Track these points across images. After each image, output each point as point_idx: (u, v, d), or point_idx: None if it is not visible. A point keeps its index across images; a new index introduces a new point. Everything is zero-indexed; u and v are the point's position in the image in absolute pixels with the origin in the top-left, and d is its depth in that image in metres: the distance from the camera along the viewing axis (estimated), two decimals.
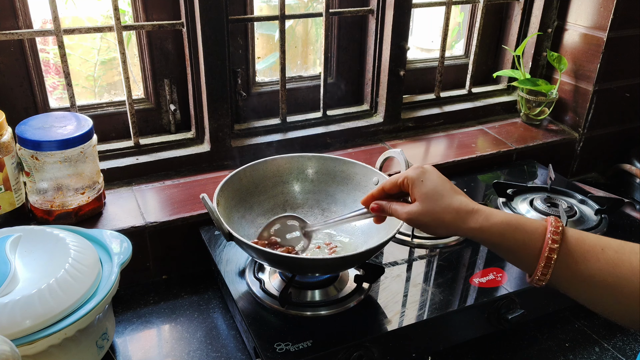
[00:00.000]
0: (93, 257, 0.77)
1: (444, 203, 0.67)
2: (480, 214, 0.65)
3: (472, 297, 0.86)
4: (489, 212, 0.65)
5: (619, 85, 1.34)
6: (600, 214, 1.09)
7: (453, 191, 0.68)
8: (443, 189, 0.68)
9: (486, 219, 0.65)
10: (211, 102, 1.09)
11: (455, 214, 0.66)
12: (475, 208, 0.66)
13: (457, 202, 0.67)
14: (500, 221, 0.64)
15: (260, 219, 0.94)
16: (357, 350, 0.77)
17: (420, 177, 0.69)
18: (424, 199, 0.68)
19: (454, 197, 0.67)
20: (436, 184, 0.68)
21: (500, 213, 0.65)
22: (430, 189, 0.68)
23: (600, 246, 0.60)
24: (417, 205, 0.68)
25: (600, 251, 0.60)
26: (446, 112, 1.38)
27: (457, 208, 0.66)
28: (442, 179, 0.69)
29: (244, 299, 0.85)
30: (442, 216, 0.67)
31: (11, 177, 0.89)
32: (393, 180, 0.72)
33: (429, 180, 0.69)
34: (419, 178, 0.69)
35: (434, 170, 0.70)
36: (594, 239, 0.61)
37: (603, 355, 0.89)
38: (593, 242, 0.61)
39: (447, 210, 0.67)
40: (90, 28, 1.00)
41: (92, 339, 0.76)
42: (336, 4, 1.24)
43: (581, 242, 0.61)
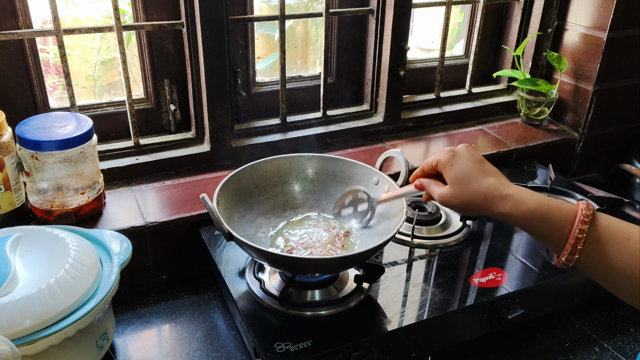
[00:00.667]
0: (93, 257, 0.77)
1: (472, 187, 0.68)
2: (509, 199, 0.65)
3: (472, 297, 0.86)
4: (518, 197, 0.65)
5: (619, 85, 1.34)
6: None
7: (483, 173, 0.68)
8: (472, 173, 0.68)
9: (515, 205, 0.65)
10: (211, 102, 1.09)
11: (483, 198, 0.67)
12: (504, 193, 0.66)
13: (485, 186, 0.67)
14: (529, 209, 0.64)
15: (260, 219, 0.94)
16: (357, 350, 0.77)
17: (450, 160, 0.70)
18: (454, 182, 0.69)
19: (483, 180, 0.68)
20: (465, 168, 0.69)
21: (530, 199, 0.65)
22: (459, 173, 0.69)
23: (627, 236, 0.60)
24: (448, 188, 0.70)
25: (625, 241, 0.60)
26: (446, 112, 1.38)
27: (485, 192, 0.67)
28: (472, 161, 0.70)
29: (244, 299, 0.85)
30: (470, 200, 0.68)
31: (11, 177, 0.89)
32: (429, 162, 0.74)
33: (458, 164, 0.70)
34: (449, 162, 0.70)
35: (465, 152, 0.71)
36: (621, 228, 0.61)
37: (603, 355, 0.89)
38: (620, 231, 0.61)
39: (476, 195, 0.67)
40: (90, 28, 1.00)
41: (92, 339, 0.76)
42: (336, 4, 1.24)
43: (608, 229, 0.61)
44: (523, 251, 0.98)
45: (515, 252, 0.98)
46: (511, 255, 0.97)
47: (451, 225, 1.05)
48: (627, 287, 0.60)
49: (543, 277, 0.91)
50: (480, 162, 0.70)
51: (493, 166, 0.71)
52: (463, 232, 1.02)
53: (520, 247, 0.99)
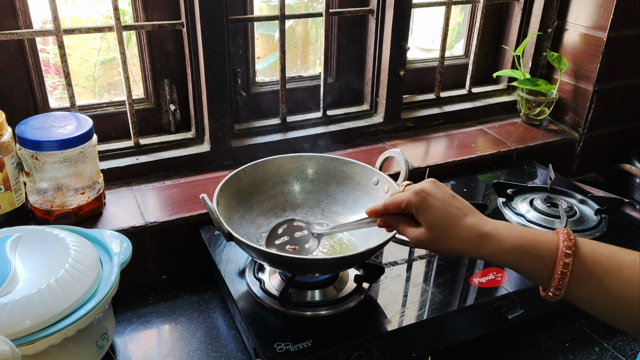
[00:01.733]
0: (93, 257, 0.77)
1: (451, 232, 0.65)
2: (490, 240, 0.64)
3: (472, 297, 0.86)
4: (498, 236, 0.63)
5: (619, 85, 1.34)
6: (600, 214, 1.09)
7: (460, 215, 0.66)
8: (449, 216, 0.66)
9: (498, 245, 0.63)
10: (211, 102, 1.09)
11: (465, 242, 0.65)
12: (484, 231, 0.64)
13: (465, 229, 0.65)
14: (512, 245, 0.62)
15: (260, 219, 0.94)
16: (357, 350, 0.77)
17: (423, 204, 0.67)
18: (432, 228, 0.66)
19: (461, 222, 0.65)
20: (442, 212, 0.66)
21: (510, 234, 0.63)
22: (437, 218, 0.66)
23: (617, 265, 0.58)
24: (425, 232, 0.67)
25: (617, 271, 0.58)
26: (446, 112, 1.38)
27: (466, 236, 0.65)
28: (445, 202, 0.66)
29: (244, 299, 0.85)
30: (451, 245, 0.66)
31: (11, 177, 0.89)
32: (396, 202, 0.69)
33: (432, 208, 0.66)
34: (422, 206, 0.67)
35: (436, 192, 0.67)
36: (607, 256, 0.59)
37: (603, 355, 0.89)
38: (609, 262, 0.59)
39: (456, 239, 0.65)
40: (90, 28, 1.00)
41: (92, 339, 0.76)
42: (336, 4, 1.24)
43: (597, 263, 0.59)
44: None
45: None
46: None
47: None
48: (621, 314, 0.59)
49: None
50: (453, 199, 0.67)
51: (465, 200, 0.68)
52: None
53: None
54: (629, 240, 1.03)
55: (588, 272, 0.59)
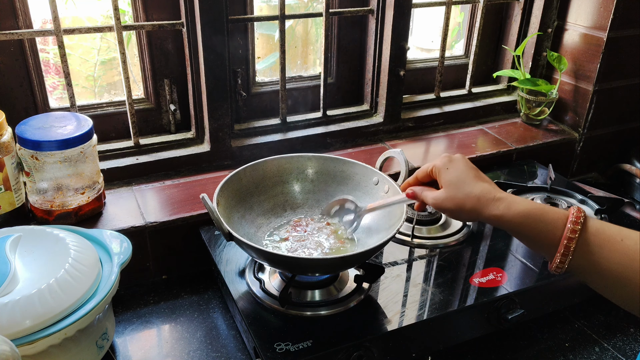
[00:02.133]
0: (93, 257, 0.77)
1: (466, 190, 0.69)
2: (502, 202, 0.66)
3: (472, 297, 0.86)
4: (511, 200, 0.66)
5: (619, 85, 1.34)
6: (600, 214, 1.08)
7: (477, 178, 0.70)
8: (466, 177, 0.70)
9: (507, 207, 0.66)
10: (211, 102, 1.09)
11: (476, 200, 0.68)
12: (497, 196, 0.67)
13: (479, 189, 0.68)
14: (522, 210, 0.65)
15: (260, 219, 0.94)
16: (357, 350, 0.77)
17: (446, 165, 0.72)
18: (448, 185, 0.71)
19: (477, 184, 0.69)
20: (460, 172, 0.71)
21: (523, 202, 0.66)
22: (454, 177, 0.71)
23: (620, 237, 0.60)
24: (442, 191, 0.71)
25: (618, 242, 0.60)
26: (446, 112, 1.38)
27: (478, 195, 0.68)
28: (467, 166, 0.71)
29: (244, 299, 0.85)
30: (464, 202, 0.69)
31: (11, 177, 0.89)
32: (424, 169, 0.75)
33: (453, 168, 0.71)
34: (444, 166, 0.72)
35: (460, 159, 0.73)
36: (614, 230, 0.61)
37: (603, 355, 0.89)
38: (613, 233, 0.61)
39: (469, 197, 0.68)
40: (90, 28, 1.00)
41: (92, 339, 0.76)
42: (336, 4, 1.24)
43: (601, 232, 0.61)
44: (523, 251, 0.98)
45: (515, 252, 0.98)
46: (511, 255, 0.97)
47: (451, 225, 1.05)
48: (621, 290, 0.60)
49: (543, 277, 0.91)
50: (475, 170, 0.72)
51: (486, 175, 0.72)
52: (463, 232, 1.02)
53: (520, 247, 0.99)
54: None
55: (592, 241, 0.60)
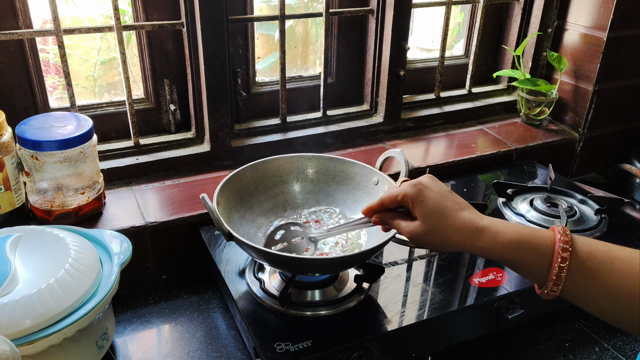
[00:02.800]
0: (93, 257, 0.77)
1: (447, 222, 0.65)
2: (487, 233, 0.63)
3: (472, 297, 0.86)
4: (495, 230, 0.63)
5: (619, 85, 1.34)
6: (600, 214, 1.09)
7: (456, 208, 0.65)
8: (445, 208, 0.65)
9: (494, 239, 0.62)
10: (211, 102, 1.09)
11: (460, 233, 0.64)
12: (480, 225, 0.64)
13: (461, 221, 0.64)
14: (509, 240, 0.62)
15: (260, 219, 0.94)
16: (357, 350, 0.77)
17: (419, 196, 0.66)
18: (426, 219, 0.66)
19: (457, 215, 0.65)
20: (437, 203, 0.65)
21: (507, 229, 0.63)
22: (431, 209, 0.65)
23: (611, 259, 0.58)
24: (420, 225, 0.66)
25: (610, 265, 0.58)
26: (446, 112, 1.38)
27: (461, 227, 0.64)
28: (441, 195, 0.66)
29: (244, 299, 0.85)
30: (446, 236, 0.65)
31: (11, 177, 0.89)
32: (392, 196, 0.69)
33: (428, 200, 0.66)
34: (418, 197, 0.66)
35: (432, 185, 0.67)
36: (604, 252, 0.59)
37: (603, 355, 0.89)
38: (603, 256, 0.59)
39: (452, 230, 0.64)
40: (90, 28, 1.00)
41: (92, 339, 0.76)
42: (336, 4, 1.24)
43: (592, 256, 0.59)
44: None
45: None
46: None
47: None
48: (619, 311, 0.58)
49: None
50: (450, 194, 0.67)
51: (459, 196, 0.68)
52: None
53: None
54: (629, 240, 1.03)
55: (584, 267, 0.59)
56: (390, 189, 0.71)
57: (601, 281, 0.58)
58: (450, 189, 0.69)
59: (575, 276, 0.59)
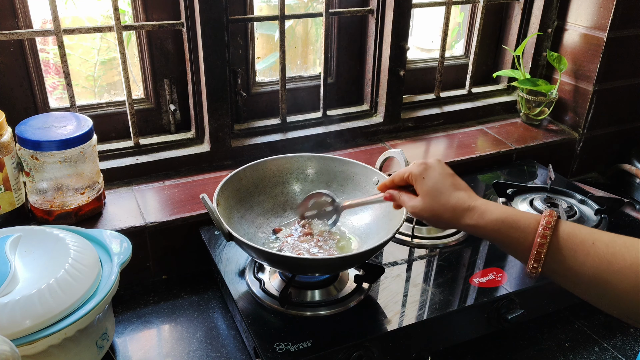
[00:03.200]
0: (93, 257, 0.77)
1: (442, 200, 0.69)
2: (475, 211, 0.67)
3: (472, 297, 0.86)
4: (484, 209, 0.67)
5: (619, 85, 1.34)
6: (600, 214, 1.09)
7: (452, 188, 0.70)
8: (442, 186, 0.70)
9: (480, 217, 0.66)
10: (211, 102, 1.09)
11: (452, 211, 0.69)
12: (471, 205, 0.68)
13: (454, 200, 0.69)
14: (495, 219, 0.65)
15: (260, 219, 0.94)
16: (357, 350, 0.77)
17: (422, 173, 0.72)
18: (425, 195, 0.71)
19: (452, 194, 0.69)
20: (436, 182, 0.70)
21: (495, 210, 0.66)
22: (430, 187, 0.70)
23: (592, 240, 0.60)
24: (420, 200, 0.71)
25: (590, 245, 0.59)
26: (446, 112, 1.38)
27: (453, 205, 0.68)
28: (442, 175, 0.71)
29: (244, 299, 0.85)
30: (440, 213, 0.70)
31: (11, 177, 0.89)
32: (400, 174, 0.75)
33: (429, 178, 0.71)
34: (420, 175, 0.72)
35: (436, 166, 0.72)
36: (585, 233, 0.61)
37: (603, 355, 0.89)
38: (584, 236, 0.60)
39: (445, 208, 0.69)
40: (90, 28, 1.00)
41: (92, 339, 0.76)
42: (336, 4, 1.24)
43: (572, 236, 0.61)
44: None
45: None
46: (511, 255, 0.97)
47: None
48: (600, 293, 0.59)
49: (543, 277, 0.91)
50: (451, 176, 0.72)
51: (463, 181, 0.72)
52: (463, 232, 1.02)
53: None
54: None
55: (564, 246, 0.61)
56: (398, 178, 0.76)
57: (579, 260, 0.59)
58: (453, 172, 0.73)
59: (555, 255, 0.61)
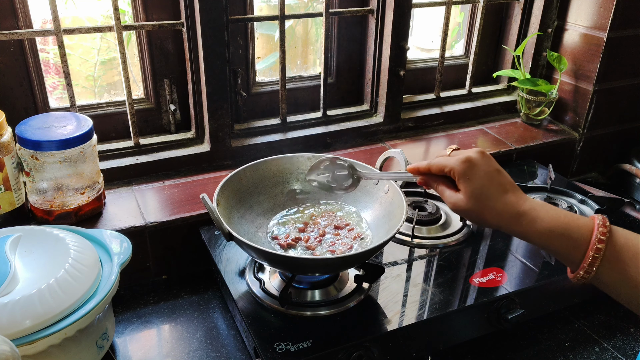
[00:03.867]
0: (93, 257, 0.77)
1: (489, 204, 0.66)
2: (525, 218, 0.64)
3: (472, 297, 0.86)
4: (533, 216, 0.64)
5: (619, 85, 1.34)
6: (600, 214, 1.08)
7: (500, 190, 0.66)
8: (489, 189, 0.66)
9: (530, 224, 0.64)
10: (211, 102, 1.09)
11: (498, 216, 0.65)
12: (520, 211, 0.64)
13: (502, 204, 0.65)
14: (545, 228, 0.63)
15: (260, 219, 0.94)
16: (357, 350, 0.77)
17: (467, 173, 0.67)
18: (469, 197, 0.66)
19: (500, 198, 0.65)
20: (482, 184, 0.66)
21: (545, 216, 0.63)
22: (476, 188, 0.66)
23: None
24: (463, 200, 0.67)
25: None
26: (446, 112, 1.38)
27: (500, 211, 0.65)
28: (489, 174, 0.67)
29: (244, 299, 0.85)
30: (485, 217, 0.66)
31: (11, 177, 0.89)
32: (440, 165, 0.69)
33: (475, 178, 0.66)
34: (465, 174, 0.67)
35: (482, 164, 0.67)
36: (638, 245, 0.60)
37: (603, 355, 0.89)
38: (637, 248, 0.59)
39: (491, 213, 0.66)
40: (90, 28, 1.00)
41: (92, 339, 0.76)
42: (336, 4, 1.24)
43: (626, 248, 0.60)
44: (523, 251, 0.98)
45: (515, 252, 0.98)
46: (511, 255, 0.97)
47: (451, 225, 1.05)
48: None
49: (543, 277, 0.91)
50: (498, 174, 0.67)
51: (508, 176, 0.68)
52: (463, 232, 1.02)
53: (520, 247, 0.99)
54: None
55: (617, 258, 0.60)
56: (439, 156, 0.71)
57: (631, 273, 0.59)
58: (499, 167, 0.68)
59: (607, 266, 0.60)
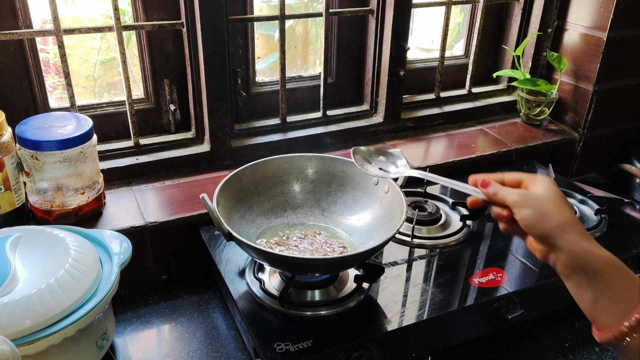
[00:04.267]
0: (93, 257, 0.77)
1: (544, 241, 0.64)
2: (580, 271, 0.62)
3: (472, 297, 0.86)
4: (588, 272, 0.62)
5: (619, 85, 1.34)
6: (600, 214, 1.09)
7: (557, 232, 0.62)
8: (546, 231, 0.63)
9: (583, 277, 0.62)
10: (211, 102, 1.09)
11: None
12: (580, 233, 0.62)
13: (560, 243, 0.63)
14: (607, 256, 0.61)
15: (260, 219, 0.94)
16: (357, 350, 0.77)
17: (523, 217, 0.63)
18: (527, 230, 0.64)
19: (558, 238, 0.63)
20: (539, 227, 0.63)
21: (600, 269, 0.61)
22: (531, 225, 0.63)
23: None
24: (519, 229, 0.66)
25: None
26: (446, 112, 1.38)
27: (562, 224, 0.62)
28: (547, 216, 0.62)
29: (244, 299, 0.85)
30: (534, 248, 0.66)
31: (11, 177, 0.89)
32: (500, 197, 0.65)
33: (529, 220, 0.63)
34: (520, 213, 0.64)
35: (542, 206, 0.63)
36: None
37: (603, 355, 0.89)
38: None
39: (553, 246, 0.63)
40: (90, 28, 1.00)
41: (92, 339, 0.76)
42: (336, 4, 1.24)
43: None
44: (523, 251, 0.98)
45: (515, 252, 0.98)
46: (511, 255, 0.97)
47: (451, 225, 1.05)
48: None
49: (543, 277, 0.91)
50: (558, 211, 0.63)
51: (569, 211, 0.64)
52: (463, 232, 1.02)
53: (520, 247, 0.99)
54: (629, 240, 1.03)
55: None
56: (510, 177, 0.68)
57: None
58: (563, 202, 0.64)
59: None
